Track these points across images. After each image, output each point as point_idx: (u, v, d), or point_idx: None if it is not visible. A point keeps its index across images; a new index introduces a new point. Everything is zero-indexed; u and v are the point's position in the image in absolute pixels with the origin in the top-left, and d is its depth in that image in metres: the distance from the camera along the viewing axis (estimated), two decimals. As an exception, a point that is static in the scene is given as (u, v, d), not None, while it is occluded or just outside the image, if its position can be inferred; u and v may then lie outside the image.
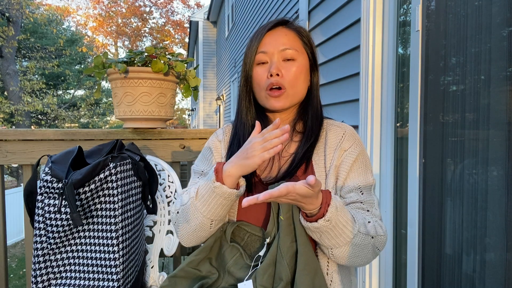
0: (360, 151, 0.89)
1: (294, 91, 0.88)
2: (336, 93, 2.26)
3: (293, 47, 0.87)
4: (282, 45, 0.86)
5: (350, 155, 0.88)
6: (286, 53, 0.86)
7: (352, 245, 0.76)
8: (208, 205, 0.79)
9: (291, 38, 0.88)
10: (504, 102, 1.10)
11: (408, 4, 1.62)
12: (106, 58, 1.44)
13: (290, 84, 0.87)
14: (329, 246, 0.76)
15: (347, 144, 0.89)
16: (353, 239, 0.75)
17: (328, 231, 0.73)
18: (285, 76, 0.86)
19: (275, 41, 0.87)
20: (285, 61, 0.87)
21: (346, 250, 0.76)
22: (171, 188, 1.37)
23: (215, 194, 0.77)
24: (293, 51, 0.87)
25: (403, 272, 1.61)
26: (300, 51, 0.88)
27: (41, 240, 1.00)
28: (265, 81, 0.87)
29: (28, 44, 14.32)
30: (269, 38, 0.88)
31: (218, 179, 0.77)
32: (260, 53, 0.88)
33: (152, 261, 1.32)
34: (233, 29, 9.29)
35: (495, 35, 1.14)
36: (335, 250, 0.76)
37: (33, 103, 12.64)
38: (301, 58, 0.88)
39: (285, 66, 0.87)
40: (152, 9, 26.68)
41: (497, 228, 1.12)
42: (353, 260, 0.78)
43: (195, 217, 0.81)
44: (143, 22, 25.01)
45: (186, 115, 27.28)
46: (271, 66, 0.86)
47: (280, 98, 0.87)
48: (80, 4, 50.16)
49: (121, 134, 1.54)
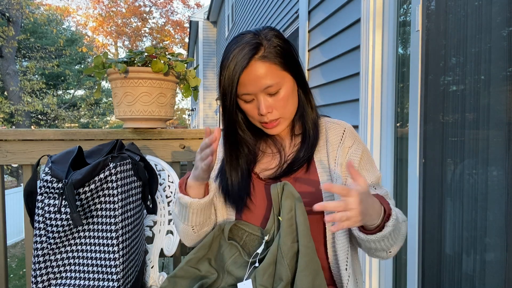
0: (363, 147, 0.91)
1: (288, 114, 0.87)
2: (336, 93, 2.26)
3: (273, 80, 0.81)
4: (263, 84, 0.81)
5: (355, 153, 0.89)
6: (269, 90, 0.82)
7: (401, 235, 0.81)
8: (181, 214, 0.87)
9: (269, 72, 0.81)
10: (504, 102, 1.10)
11: (408, 4, 1.62)
12: (106, 58, 1.44)
13: (283, 112, 0.85)
14: (389, 247, 0.78)
15: (349, 142, 0.90)
16: (401, 229, 0.80)
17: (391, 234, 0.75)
18: (275, 110, 0.84)
19: (255, 81, 0.81)
20: (270, 95, 0.83)
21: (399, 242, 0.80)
22: (171, 188, 1.37)
23: (180, 204, 0.85)
24: (274, 86, 0.82)
25: (403, 272, 1.61)
26: (281, 78, 0.83)
27: (41, 240, 1.00)
28: (258, 117, 0.86)
29: (28, 44, 14.32)
30: (247, 78, 0.81)
31: (181, 190, 0.85)
32: (244, 95, 0.84)
33: (152, 261, 1.32)
34: (233, 29, 9.29)
35: (495, 35, 1.14)
36: (393, 248, 0.79)
37: (33, 103, 12.64)
38: (285, 84, 0.84)
39: (272, 100, 0.83)
40: (152, 9, 26.65)
41: (497, 228, 1.12)
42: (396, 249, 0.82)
43: (178, 224, 0.90)
44: (143, 22, 25.00)
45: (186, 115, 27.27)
46: (259, 105, 0.83)
47: (277, 127, 0.87)
48: (80, 4, 50.19)
49: (121, 134, 1.54)
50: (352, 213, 0.66)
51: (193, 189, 0.83)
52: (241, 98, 0.85)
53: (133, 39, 25.13)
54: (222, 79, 0.83)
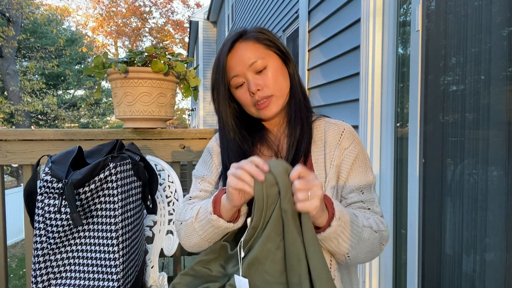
0: (359, 149, 0.90)
1: (280, 92, 0.88)
2: (336, 93, 2.26)
3: (259, 57, 0.86)
4: (247, 60, 0.85)
5: (350, 154, 0.88)
6: (256, 66, 0.86)
7: (363, 241, 0.77)
8: (205, 232, 0.81)
9: (252, 49, 0.86)
10: (504, 102, 1.10)
11: (408, 4, 1.62)
12: (106, 58, 1.44)
13: (274, 89, 0.87)
14: (345, 251, 0.76)
15: (346, 143, 0.89)
16: (362, 234, 0.77)
17: (342, 231, 0.73)
18: (265, 87, 0.86)
19: (241, 60, 0.86)
20: (258, 73, 0.86)
21: (360, 249, 0.77)
22: (171, 188, 1.37)
23: (211, 225, 0.78)
24: (260, 61, 0.86)
25: (403, 272, 1.61)
26: (266, 56, 0.87)
27: (41, 240, 1.00)
28: (251, 100, 0.87)
29: (28, 44, 14.32)
30: (233, 60, 0.87)
31: (216, 211, 0.77)
32: (234, 78, 0.87)
33: (152, 261, 1.32)
34: (233, 29, 9.28)
35: (495, 35, 1.14)
36: (351, 252, 0.77)
37: (33, 103, 12.64)
38: (271, 61, 0.88)
39: (260, 78, 0.86)
40: (152, 9, 26.67)
41: (497, 228, 1.12)
42: (364, 257, 0.79)
43: (194, 237, 0.84)
44: (143, 22, 25.00)
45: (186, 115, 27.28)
46: (248, 84, 0.86)
47: (270, 106, 0.87)
48: (80, 4, 50.19)
49: (121, 134, 1.54)
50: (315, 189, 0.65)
51: (227, 211, 0.76)
52: (232, 85, 0.88)
53: (133, 39, 25.13)
54: (212, 73, 0.89)
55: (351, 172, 0.87)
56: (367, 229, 0.78)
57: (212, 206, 0.78)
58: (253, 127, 0.94)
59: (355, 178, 0.87)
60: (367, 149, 1.80)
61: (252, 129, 0.93)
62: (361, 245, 0.77)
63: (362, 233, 0.77)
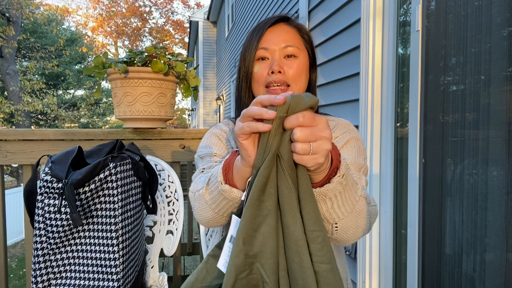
0: (352, 136, 0.85)
1: (297, 88, 0.86)
2: (336, 93, 2.26)
3: (295, 44, 0.86)
4: (283, 42, 0.85)
5: (340, 140, 0.85)
6: (288, 50, 0.85)
7: (355, 212, 0.66)
8: (218, 205, 0.69)
9: (292, 35, 0.87)
10: (504, 102, 1.10)
11: (408, 4, 1.62)
12: (106, 58, 1.44)
13: (293, 80, 0.85)
14: (335, 218, 0.65)
15: (337, 133, 0.87)
16: (357, 204, 0.66)
17: (341, 193, 0.62)
18: (287, 73, 0.84)
19: (277, 37, 0.85)
20: (286, 58, 0.86)
21: (350, 220, 0.67)
22: (171, 188, 1.37)
23: (223, 197, 0.66)
24: (294, 48, 0.85)
25: (403, 272, 1.61)
26: (301, 48, 0.87)
27: (41, 240, 1.00)
28: (265, 78, 0.85)
29: (28, 44, 14.32)
30: (270, 34, 0.86)
31: (228, 179, 0.65)
32: (261, 49, 0.85)
33: (152, 261, 1.32)
34: (233, 29, 9.28)
35: (495, 35, 1.14)
36: (341, 222, 0.66)
37: (33, 103, 12.65)
38: (302, 56, 0.87)
39: (287, 63, 0.85)
40: (152, 9, 26.70)
41: (497, 228, 1.12)
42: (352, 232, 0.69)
43: (208, 212, 0.72)
44: (143, 22, 25.00)
45: (186, 115, 27.28)
46: (272, 63, 0.84)
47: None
48: (80, 4, 50.18)
49: (121, 134, 1.54)
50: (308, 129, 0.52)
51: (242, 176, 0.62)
52: (257, 55, 0.86)
53: (133, 39, 25.13)
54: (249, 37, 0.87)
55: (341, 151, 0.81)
56: (362, 199, 0.68)
57: (222, 173, 0.65)
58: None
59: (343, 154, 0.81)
60: (367, 149, 1.80)
61: None
62: (352, 216, 0.66)
63: (358, 202, 0.66)
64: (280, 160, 0.55)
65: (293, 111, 0.51)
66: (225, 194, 0.65)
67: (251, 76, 0.87)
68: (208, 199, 0.70)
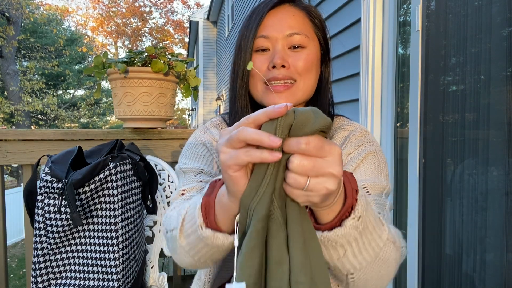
0: (371, 151, 0.70)
1: (305, 85, 0.70)
2: (336, 93, 2.26)
3: (303, 32, 0.69)
4: (288, 28, 0.68)
5: (355, 158, 0.69)
6: (294, 39, 0.68)
7: (379, 261, 0.50)
8: (198, 252, 0.54)
9: (299, 20, 0.70)
10: (504, 102, 1.10)
11: (408, 4, 1.62)
12: (106, 58, 1.44)
13: (300, 76, 0.69)
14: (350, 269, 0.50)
15: (351, 148, 0.71)
16: (382, 251, 0.50)
17: (357, 239, 0.47)
18: (293, 67, 0.68)
19: (280, 23, 0.68)
20: (292, 48, 0.69)
21: (371, 271, 0.51)
22: (171, 188, 1.37)
23: (204, 243, 0.51)
24: (302, 37, 0.68)
25: (403, 272, 1.61)
26: (310, 36, 0.70)
27: (41, 240, 1.00)
28: (265, 73, 0.69)
29: (28, 44, 14.32)
30: (272, 19, 0.69)
31: (209, 221, 0.49)
32: (260, 38, 0.69)
33: (152, 261, 1.32)
34: (233, 29, 9.28)
35: (495, 35, 1.14)
36: (357, 273, 0.50)
37: (33, 103, 12.65)
38: (312, 46, 0.70)
39: (292, 55, 0.69)
40: (152, 9, 26.69)
41: (497, 228, 1.12)
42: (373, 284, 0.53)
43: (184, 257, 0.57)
44: (143, 22, 25.00)
45: (186, 115, 27.27)
46: (274, 55, 0.68)
47: (285, 93, 0.68)
48: (80, 4, 50.21)
49: (121, 134, 1.54)
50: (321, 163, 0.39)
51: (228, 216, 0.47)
52: (255, 46, 0.70)
53: (133, 39, 25.13)
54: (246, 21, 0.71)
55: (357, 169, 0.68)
56: (389, 243, 0.51)
57: (201, 215, 0.49)
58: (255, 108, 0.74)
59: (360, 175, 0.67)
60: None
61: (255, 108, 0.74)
62: (375, 265, 0.50)
63: (383, 249, 0.50)
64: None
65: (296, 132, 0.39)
66: (207, 241, 0.49)
67: (248, 72, 0.71)
68: (185, 244, 0.54)
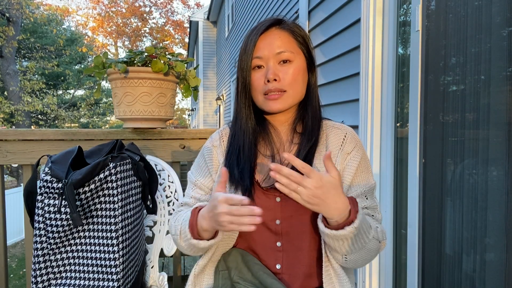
0: (362, 153, 0.90)
1: (294, 92, 0.87)
2: (336, 93, 2.26)
3: (288, 49, 0.85)
4: (277, 48, 0.85)
5: (354, 159, 0.88)
6: (282, 56, 0.85)
7: (366, 249, 0.79)
8: (192, 249, 0.84)
9: (285, 40, 0.86)
10: (504, 102, 1.10)
11: (408, 4, 1.62)
12: (106, 58, 1.44)
13: (289, 86, 0.86)
14: (345, 253, 0.77)
15: (349, 147, 0.89)
16: (368, 244, 0.78)
17: (352, 237, 0.74)
18: (283, 80, 0.85)
19: (269, 44, 0.85)
20: (281, 63, 0.86)
21: (360, 255, 0.79)
22: (171, 188, 1.37)
23: (194, 247, 0.82)
24: (288, 53, 0.85)
25: (403, 272, 1.61)
26: (295, 52, 0.87)
27: (41, 240, 1.00)
28: (263, 87, 0.86)
29: (28, 44, 14.31)
30: (263, 42, 0.86)
31: (194, 236, 0.80)
32: (256, 59, 0.86)
33: (152, 261, 1.32)
34: (233, 29, 9.28)
35: (495, 35, 1.14)
36: (350, 255, 0.78)
37: (33, 103, 12.63)
38: (298, 59, 0.87)
39: (282, 69, 0.85)
40: (152, 9, 26.70)
41: (497, 228, 1.12)
42: (360, 263, 0.82)
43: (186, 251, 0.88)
44: (143, 22, 25.00)
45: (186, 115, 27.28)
46: (267, 71, 0.85)
47: (279, 100, 0.86)
48: (80, 4, 50.20)
49: (121, 134, 1.54)
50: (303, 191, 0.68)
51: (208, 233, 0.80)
52: (253, 65, 0.87)
53: (133, 39, 25.13)
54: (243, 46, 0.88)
55: (356, 177, 0.87)
56: (374, 240, 0.80)
57: (189, 231, 0.81)
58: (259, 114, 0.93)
59: (359, 183, 0.87)
60: (367, 149, 1.80)
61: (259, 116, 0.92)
62: (362, 252, 0.79)
63: (369, 243, 0.78)
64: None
65: None
66: (195, 245, 0.81)
67: (250, 86, 0.88)
68: (183, 245, 0.86)
